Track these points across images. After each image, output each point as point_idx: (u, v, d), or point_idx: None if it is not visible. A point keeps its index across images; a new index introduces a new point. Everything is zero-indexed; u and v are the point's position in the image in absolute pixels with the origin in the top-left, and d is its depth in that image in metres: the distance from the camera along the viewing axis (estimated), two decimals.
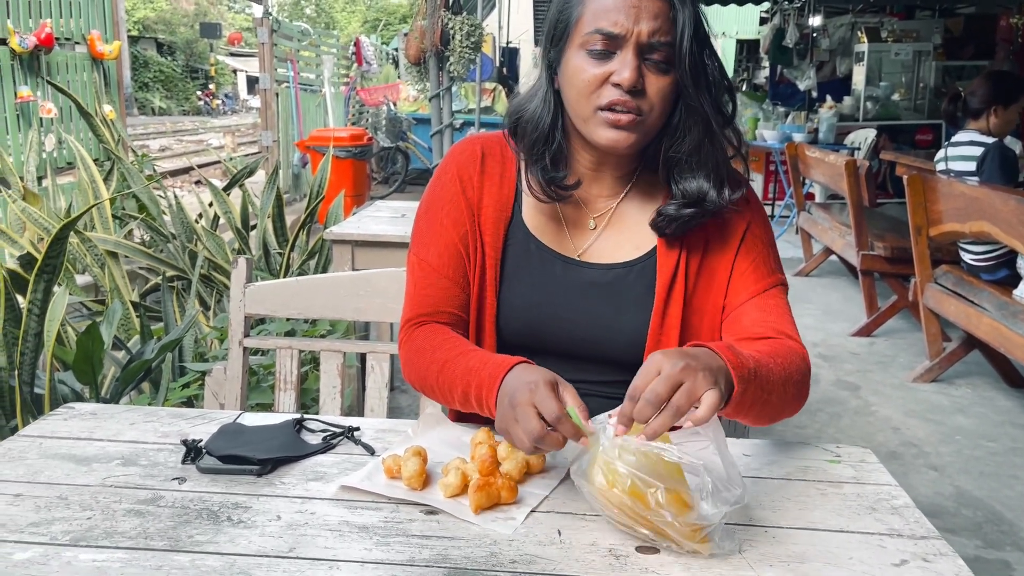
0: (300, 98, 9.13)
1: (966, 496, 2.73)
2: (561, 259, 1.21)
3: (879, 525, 0.93)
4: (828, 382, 3.77)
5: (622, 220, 1.23)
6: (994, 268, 3.56)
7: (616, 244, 1.22)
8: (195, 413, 1.21)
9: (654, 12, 1.07)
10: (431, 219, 1.25)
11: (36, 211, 3.27)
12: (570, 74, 1.12)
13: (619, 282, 1.20)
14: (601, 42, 1.08)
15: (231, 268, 1.56)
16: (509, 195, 1.23)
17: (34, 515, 0.90)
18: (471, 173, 1.24)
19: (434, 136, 5.28)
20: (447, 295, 1.22)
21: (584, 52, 1.10)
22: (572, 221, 1.23)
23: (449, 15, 4.82)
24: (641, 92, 1.09)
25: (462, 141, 1.30)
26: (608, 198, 1.23)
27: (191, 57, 31.75)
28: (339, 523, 0.90)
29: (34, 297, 1.84)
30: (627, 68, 1.07)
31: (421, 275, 1.24)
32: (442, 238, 1.23)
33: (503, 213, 1.22)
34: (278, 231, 3.52)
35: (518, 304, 1.21)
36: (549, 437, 0.92)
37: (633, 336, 1.18)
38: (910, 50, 8.76)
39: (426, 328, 1.20)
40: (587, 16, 1.09)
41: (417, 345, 1.19)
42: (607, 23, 1.07)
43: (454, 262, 1.22)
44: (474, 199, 1.23)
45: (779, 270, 1.23)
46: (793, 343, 1.13)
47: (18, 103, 4.91)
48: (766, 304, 1.17)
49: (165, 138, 17.87)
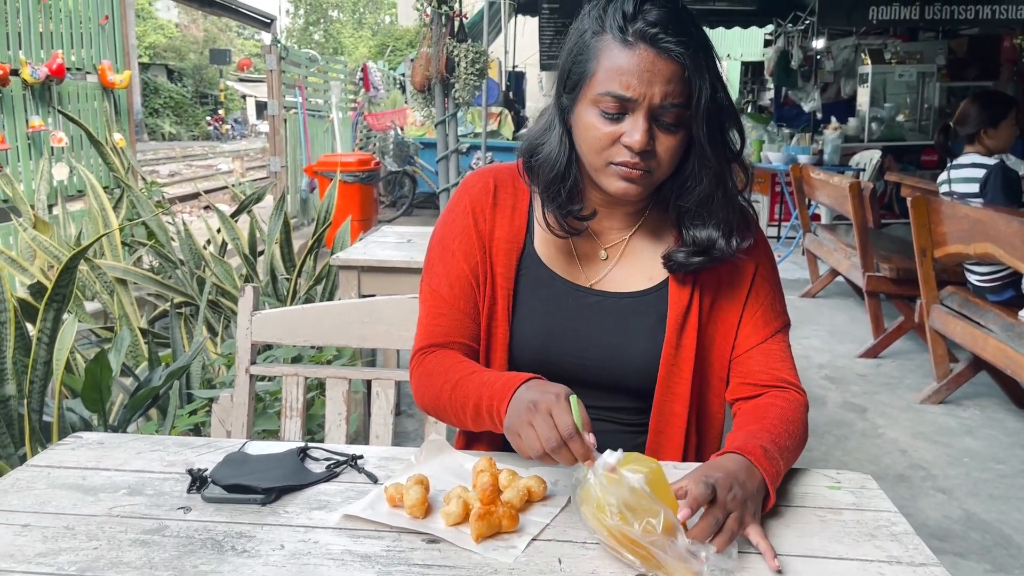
0: (308, 123, 9.21)
1: (975, 519, 2.71)
2: (573, 287, 1.23)
3: (879, 552, 0.94)
4: (835, 404, 3.76)
5: (635, 252, 1.25)
6: (1000, 289, 3.56)
7: (628, 275, 1.24)
8: (201, 442, 1.22)
9: (667, 76, 1.07)
10: (443, 250, 1.27)
11: (46, 239, 3.31)
12: (582, 128, 1.13)
13: (631, 311, 1.22)
14: (613, 104, 1.08)
15: (239, 295, 1.58)
16: (521, 226, 1.25)
17: (41, 545, 0.92)
18: (483, 205, 1.26)
19: (440, 161, 5.31)
20: (458, 325, 1.24)
21: (596, 109, 1.10)
22: (584, 253, 1.25)
23: (454, 43, 4.87)
24: (650, 152, 1.10)
25: (474, 173, 1.31)
26: (620, 231, 1.26)
27: (201, 83, 32.07)
28: (342, 552, 0.91)
29: (44, 326, 1.86)
30: (637, 131, 1.08)
31: (432, 305, 1.26)
32: (453, 269, 1.25)
33: (515, 244, 1.24)
34: (285, 257, 3.55)
35: (530, 333, 1.23)
36: (563, 450, 0.95)
37: (645, 364, 1.20)
38: (914, 71, 8.79)
39: (438, 353, 1.22)
40: (600, 75, 1.09)
41: (429, 369, 1.21)
42: (619, 86, 1.07)
43: (465, 293, 1.24)
44: (486, 231, 1.25)
45: (784, 311, 1.27)
46: (795, 393, 1.20)
47: (30, 132, 4.98)
48: (771, 350, 1.23)
49: (175, 163, 18.02)
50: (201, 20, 33.16)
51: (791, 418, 1.16)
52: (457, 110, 5.18)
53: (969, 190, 3.79)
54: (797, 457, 1.14)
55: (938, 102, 8.69)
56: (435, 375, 1.19)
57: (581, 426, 0.95)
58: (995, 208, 3.40)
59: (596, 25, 1.11)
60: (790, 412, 1.17)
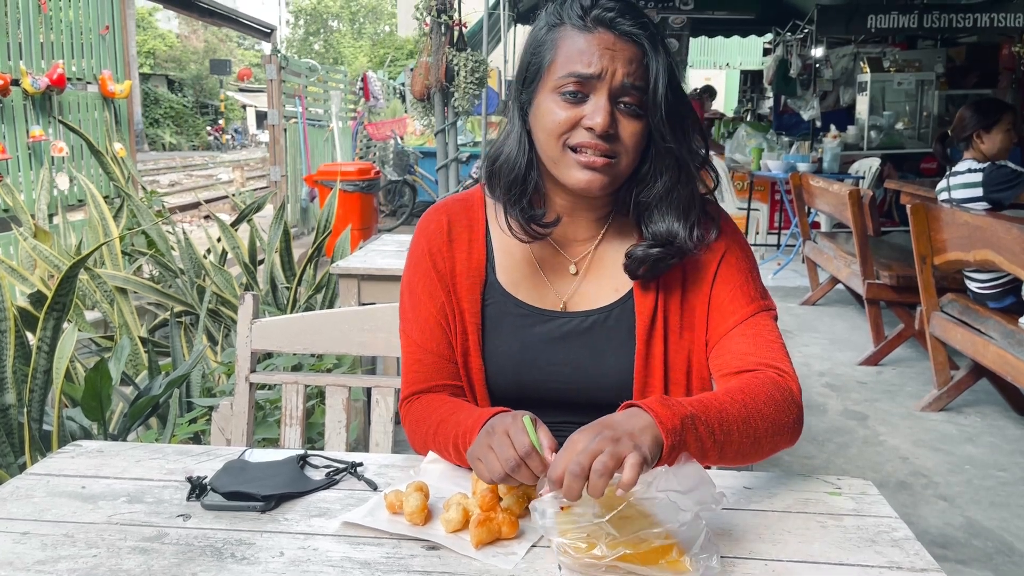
0: (308, 133, 9.23)
1: (976, 527, 2.71)
2: (540, 313, 1.22)
3: (879, 558, 0.93)
4: (836, 412, 3.75)
5: (601, 263, 1.23)
6: (1000, 296, 3.56)
7: (597, 288, 1.23)
8: (200, 450, 1.22)
9: (628, 57, 1.08)
10: (410, 295, 1.26)
11: (47, 248, 3.31)
12: (541, 116, 1.12)
13: (599, 327, 1.21)
14: (574, 84, 1.08)
15: (239, 303, 1.58)
16: (480, 259, 1.24)
17: (40, 553, 0.92)
18: (439, 245, 1.25)
19: (440, 170, 5.32)
20: (436, 369, 1.24)
21: (556, 95, 1.10)
22: (551, 268, 1.24)
23: (453, 52, 4.89)
24: (614, 136, 1.09)
25: (428, 213, 1.30)
26: (585, 242, 1.24)
27: (201, 93, 32.16)
28: (341, 559, 0.91)
29: (44, 335, 1.87)
30: (600, 112, 1.08)
31: (410, 352, 1.26)
32: (421, 313, 1.24)
33: (477, 277, 1.23)
34: (285, 265, 3.55)
35: (504, 364, 1.22)
36: (522, 468, 0.94)
37: (618, 379, 1.19)
38: (913, 79, 8.81)
39: (423, 400, 1.23)
40: (560, 59, 1.10)
41: (416, 416, 1.22)
42: (581, 65, 1.08)
43: (435, 335, 1.23)
44: (445, 270, 1.24)
45: (762, 296, 1.20)
46: (773, 373, 1.11)
47: (30, 142, 4.99)
48: (749, 332, 1.16)
49: (175, 173, 18.06)
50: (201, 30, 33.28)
51: (748, 388, 1.07)
52: (457, 119, 5.20)
53: (968, 195, 3.80)
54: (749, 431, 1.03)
55: (937, 110, 8.71)
56: (420, 422, 1.20)
57: (539, 445, 0.95)
58: (994, 215, 3.40)
59: (553, 19, 1.13)
60: (753, 385, 1.08)
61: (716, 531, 0.97)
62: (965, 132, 3.81)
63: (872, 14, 7.61)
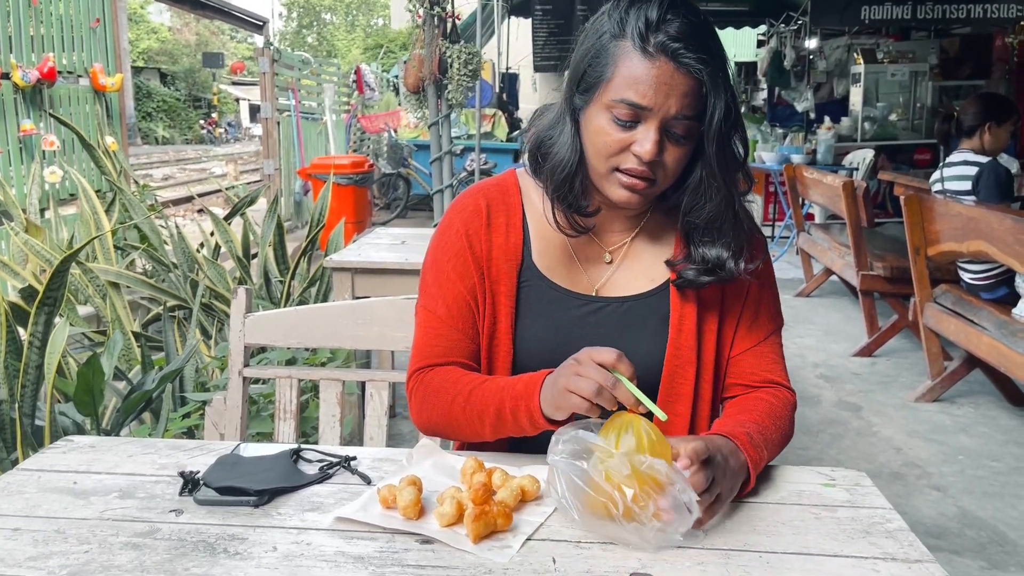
0: (302, 126, 9.19)
1: (970, 517, 2.72)
2: (575, 297, 1.23)
3: (873, 549, 0.93)
4: (830, 403, 3.76)
5: (636, 255, 1.26)
6: (993, 287, 3.57)
7: (630, 277, 1.25)
8: (193, 444, 1.22)
9: (684, 91, 1.07)
10: (437, 272, 1.26)
11: (38, 243, 3.30)
12: (592, 132, 1.13)
13: (634, 314, 1.23)
14: (627, 112, 1.08)
15: (232, 297, 1.57)
16: (517, 242, 1.25)
17: (32, 549, 0.91)
18: (477, 227, 1.25)
19: (433, 163, 5.31)
20: (456, 345, 1.23)
21: (609, 115, 1.10)
22: (585, 256, 1.26)
23: (447, 44, 4.86)
24: (658, 163, 1.11)
25: (465, 194, 1.30)
26: (622, 232, 1.26)
27: (194, 86, 32.00)
28: (335, 554, 0.91)
29: (35, 329, 1.86)
30: (648, 141, 1.08)
31: (429, 326, 1.25)
32: (450, 291, 1.24)
33: (514, 261, 1.24)
34: (279, 259, 3.54)
35: (535, 347, 1.23)
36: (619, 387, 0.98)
37: (649, 366, 1.20)
38: (907, 71, 8.82)
39: (439, 371, 1.22)
40: (617, 80, 1.08)
41: (433, 387, 1.20)
42: (636, 95, 1.07)
43: (463, 313, 1.24)
44: (482, 252, 1.24)
45: (778, 314, 1.29)
46: (784, 392, 1.24)
47: (21, 136, 4.96)
48: (763, 352, 1.26)
49: (168, 167, 17.98)
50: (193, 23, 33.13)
51: (778, 413, 1.19)
52: (450, 111, 5.18)
53: (961, 187, 3.80)
54: (780, 450, 1.17)
55: (931, 101, 8.72)
56: (442, 391, 1.19)
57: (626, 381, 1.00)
58: (988, 206, 3.41)
59: (616, 28, 1.10)
60: (778, 407, 1.21)
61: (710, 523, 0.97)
62: (976, 121, 3.81)
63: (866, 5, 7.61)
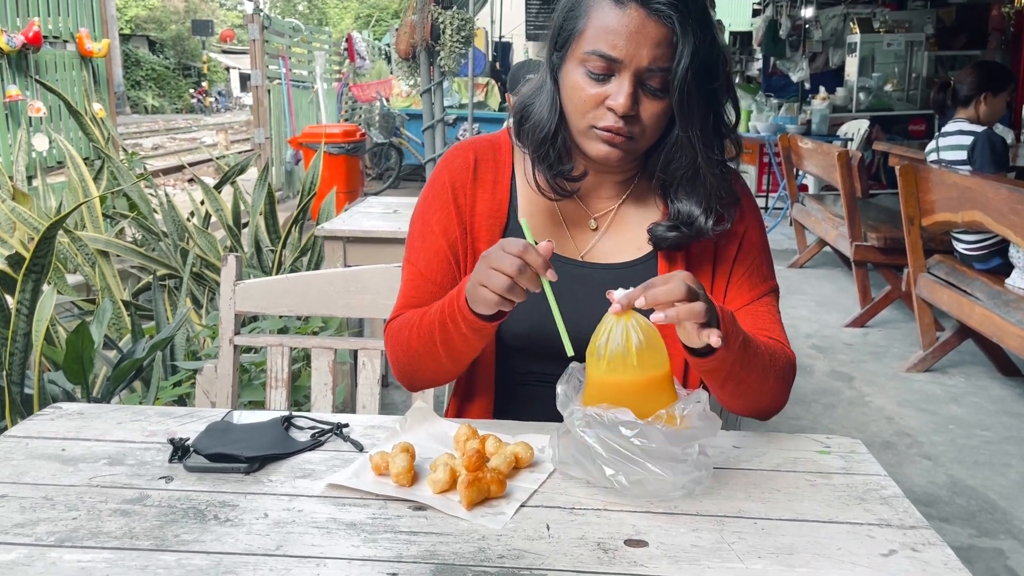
0: (292, 95, 9.10)
1: (960, 485, 2.74)
2: (561, 260, 1.21)
3: (868, 515, 0.93)
4: (822, 373, 3.77)
5: (623, 222, 1.24)
6: (986, 257, 3.56)
7: (617, 245, 1.23)
8: (183, 412, 1.20)
9: (656, 39, 1.05)
10: (422, 225, 1.25)
11: (26, 211, 3.26)
12: (568, 88, 1.12)
13: (621, 282, 1.20)
14: (600, 65, 1.07)
15: (222, 265, 1.55)
16: (503, 199, 1.23)
17: (19, 516, 0.90)
18: (463, 181, 1.24)
19: (426, 131, 5.26)
20: (432, 297, 1.22)
21: (583, 69, 1.09)
22: (572, 221, 1.24)
23: (439, 9, 4.80)
24: (635, 117, 1.09)
25: (455, 147, 1.29)
26: (609, 199, 1.25)
27: (183, 55, 31.61)
28: (327, 520, 0.90)
29: (23, 297, 1.83)
30: (622, 94, 1.07)
31: (410, 279, 1.25)
32: (432, 244, 1.23)
33: (498, 218, 1.23)
34: (270, 228, 3.51)
35: (518, 308, 1.21)
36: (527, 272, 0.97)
37: None
38: (902, 40, 8.76)
39: (403, 315, 1.22)
40: (589, 32, 1.08)
41: (396, 329, 1.21)
42: (607, 46, 1.06)
43: (443, 268, 1.23)
44: (466, 206, 1.23)
45: (771, 276, 1.25)
46: (782, 346, 1.18)
47: (7, 102, 4.89)
48: (758, 311, 1.22)
49: (158, 136, 17.79)
50: None
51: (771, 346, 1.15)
52: (443, 79, 5.13)
53: (957, 157, 3.79)
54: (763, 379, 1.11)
55: (926, 71, 8.68)
56: (402, 328, 1.19)
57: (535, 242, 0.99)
58: (983, 175, 3.40)
59: None
60: (773, 344, 1.16)
61: (705, 490, 0.97)
62: (972, 90, 3.78)
63: None
